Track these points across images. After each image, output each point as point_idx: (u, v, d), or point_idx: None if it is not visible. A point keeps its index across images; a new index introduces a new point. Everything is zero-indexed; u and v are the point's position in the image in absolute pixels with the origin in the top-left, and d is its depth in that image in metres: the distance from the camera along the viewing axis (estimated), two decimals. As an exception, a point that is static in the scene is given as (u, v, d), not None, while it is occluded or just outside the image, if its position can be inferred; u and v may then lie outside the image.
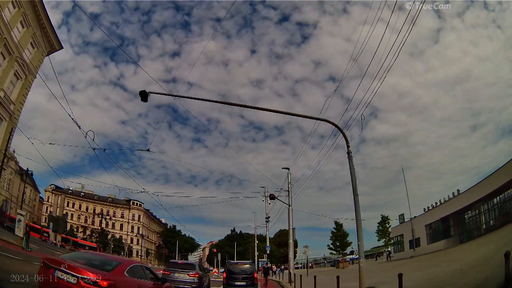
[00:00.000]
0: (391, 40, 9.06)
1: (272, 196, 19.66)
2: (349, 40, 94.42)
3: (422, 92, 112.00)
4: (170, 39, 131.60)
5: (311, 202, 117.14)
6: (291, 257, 21.19)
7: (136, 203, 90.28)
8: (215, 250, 71.00)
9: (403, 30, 8.78)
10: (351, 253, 61.71)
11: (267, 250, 37.12)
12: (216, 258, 57.56)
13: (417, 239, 33.30)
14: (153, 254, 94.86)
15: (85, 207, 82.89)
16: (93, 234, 73.22)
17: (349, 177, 10.35)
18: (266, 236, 38.17)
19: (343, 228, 53.73)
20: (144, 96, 10.39)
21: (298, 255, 48.93)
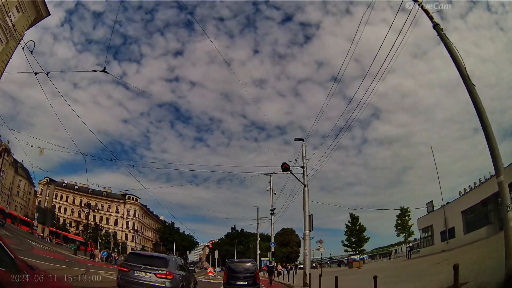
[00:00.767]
0: (393, 41, 9.47)
1: (286, 167, 14.92)
2: (351, 40, 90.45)
3: (424, 92, 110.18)
4: (173, 37, 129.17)
5: (311, 202, 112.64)
6: (308, 253, 15.96)
7: (132, 198, 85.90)
8: (210, 246, 65.91)
9: (404, 31, 9.17)
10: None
11: (272, 247, 32.51)
12: (212, 256, 52.56)
13: (451, 229, 28.34)
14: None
15: (79, 201, 78.73)
16: (87, 230, 69.11)
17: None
18: (271, 230, 33.52)
19: (359, 221, 47.09)
20: None
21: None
